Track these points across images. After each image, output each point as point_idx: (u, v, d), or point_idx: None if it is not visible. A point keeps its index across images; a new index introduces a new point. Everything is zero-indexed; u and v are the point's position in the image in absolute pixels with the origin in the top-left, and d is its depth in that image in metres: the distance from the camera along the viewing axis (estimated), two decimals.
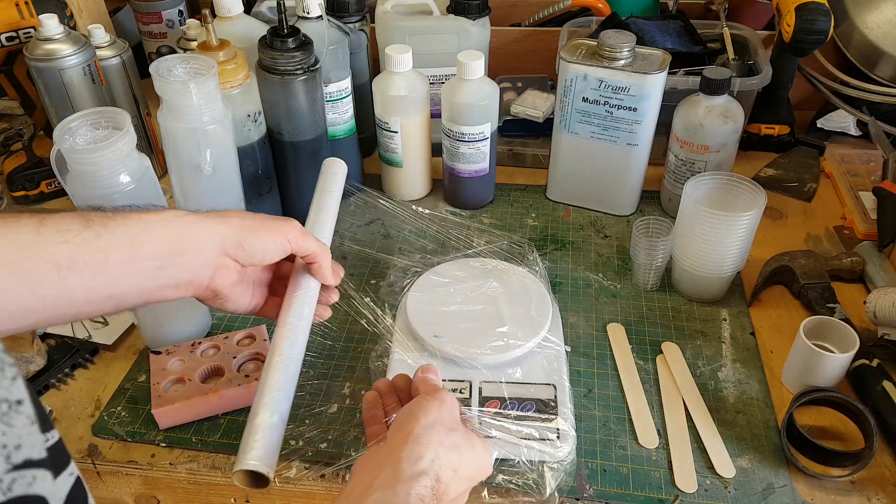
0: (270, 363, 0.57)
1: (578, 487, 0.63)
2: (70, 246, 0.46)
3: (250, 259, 0.56)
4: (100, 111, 0.65)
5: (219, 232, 0.54)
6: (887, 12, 1.05)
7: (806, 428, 0.68)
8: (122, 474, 0.68)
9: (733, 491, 0.63)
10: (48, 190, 1.02)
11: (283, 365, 0.57)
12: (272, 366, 0.57)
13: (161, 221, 0.51)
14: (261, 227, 0.57)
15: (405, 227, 0.96)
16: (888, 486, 0.63)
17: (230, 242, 0.54)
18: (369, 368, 0.74)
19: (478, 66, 0.88)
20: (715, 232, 0.76)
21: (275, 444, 0.52)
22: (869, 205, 0.94)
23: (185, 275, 0.53)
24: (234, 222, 0.55)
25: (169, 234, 0.51)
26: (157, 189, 0.69)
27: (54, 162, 0.63)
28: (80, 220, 0.47)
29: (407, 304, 0.77)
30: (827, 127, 1.11)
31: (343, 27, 0.94)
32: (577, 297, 0.84)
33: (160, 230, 0.51)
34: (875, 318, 0.75)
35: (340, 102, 0.94)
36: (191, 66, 0.71)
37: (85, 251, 0.46)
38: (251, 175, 0.85)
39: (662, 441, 0.67)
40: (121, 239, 0.48)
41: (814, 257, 0.84)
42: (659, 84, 0.86)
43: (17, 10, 0.92)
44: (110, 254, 0.48)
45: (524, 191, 1.03)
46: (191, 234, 0.53)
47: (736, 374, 0.74)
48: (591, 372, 0.75)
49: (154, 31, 1.25)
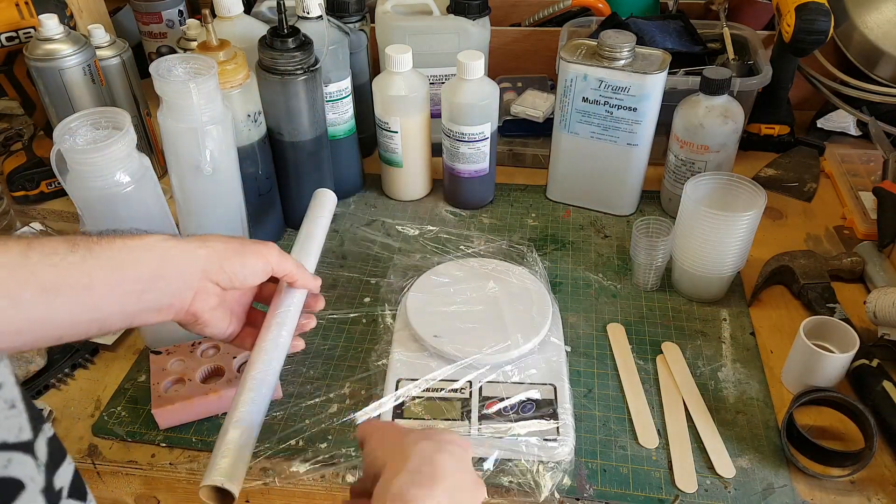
0: (245, 379, 0.58)
1: (578, 487, 0.63)
2: (57, 269, 0.47)
3: (232, 282, 0.57)
4: (100, 111, 0.65)
5: (200, 256, 0.56)
6: (887, 12, 1.05)
7: (806, 428, 0.68)
8: (122, 474, 0.68)
9: (733, 491, 0.63)
10: (48, 190, 1.02)
11: (258, 383, 0.57)
12: (247, 383, 0.57)
13: (144, 247, 0.53)
14: (242, 250, 0.58)
15: (405, 227, 0.96)
16: (888, 486, 0.64)
17: (212, 266, 0.56)
18: (369, 368, 0.74)
19: (478, 66, 0.88)
20: (715, 232, 0.76)
21: (243, 462, 0.53)
22: (869, 205, 0.94)
23: (167, 299, 0.54)
24: (216, 246, 0.57)
25: (151, 259, 0.53)
26: (157, 189, 0.69)
27: (54, 162, 0.63)
28: (66, 244, 0.48)
29: (407, 304, 0.77)
30: (827, 127, 1.11)
31: (343, 27, 0.94)
32: (577, 297, 0.84)
33: (143, 255, 0.52)
34: (875, 318, 0.75)
35: (340, 102, 0.94)
36: (191, 66, 0.71)
37: (70, 274, 0.48)
38: (251, 175, 0.85)
39: (662, 441, 0.67)
40: (105, 263, 0.50)
41: (814, 257, 0.84)
42: (659, 84, 0.86)
43: (17, 10, 0.92)
44: (95, 277, 0.49)
45: (524, 191, 1.03)
46: (172, 258, 0.54)
47: (736, 374, 0.74)
48: (591, 372, 0.75)
49: (154, 31, 1.25)
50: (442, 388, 0.69)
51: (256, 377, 0.58)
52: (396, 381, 0.70)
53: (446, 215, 0.99)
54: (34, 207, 1.02)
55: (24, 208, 1.01)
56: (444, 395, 0.69)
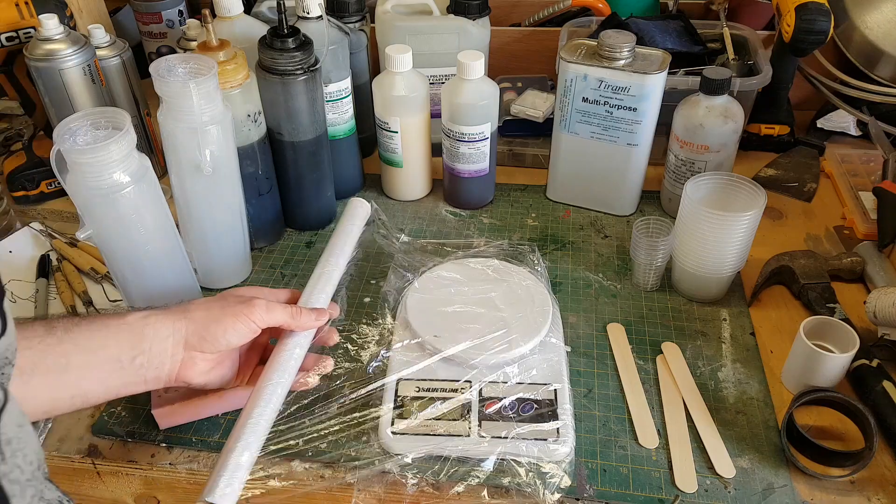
0: (249, 415, 0.58)
1: (578, 487, 0.63)
2: (33, 352, 0.49)
3: (217, 348, 0.58)
4: (100, 111, 0.65)
5: (180, 329, 0.56)
6: (887, 12, 1.05)
7: (806, 428, 0.68)
8: (122, 474, 0.68)
9: (733, 491, 0.63)
10: (48, 190, 1.02)
11: (257, 417, 0.58)
12: (251, 416, 0.58)
13: (123, 325, 0.54)
14: (222, 315, 0.58)
15: (405, 227, 0.96)
16: (888, 486, 0.64)
17: (193, 337, 0.57)
18: (369, 368, 0.74)
19: (478, 66, 0.88)
20: (715, 232, 0.76)
21: (240, 482, 0.55)
22: (869, 205, 0.94)
23: (151, 372, 0.55)
24: (196, 316, 0.58)
25: (130, 337, 0.54)
26: (157, 189, 0.69)
27: (54, 162, 0.63)
28: (45, 326, 0.51)
29: (407, 304, 0.77)
30: (827, 127, 1.11)
31: (343, 27, 0.94)
32: (577, 297, 0.84)
33: (121, 333, 0.54)
34: (875, 318, 0.75)
35: (340, 102, 0.94)
36: (191, 66, 0.71)
37: (47, 356, 0.50)
38: (251, 175, 0.85)
39: (662, 441, 0.67)
40: (83, 344, 0.52)
41: (814, 257, 0.84)
42: (659, 84, 0.86)
43: (17, 10, 0.92)
44: (72, 358, 0.51)
45: (524, 191, 1.03)
46: (151, 334, 0.55)
47: (736, 374, 0.74)
48: (591, 372, 0.75)
49: (154, 31, 1.25)
50: (442, 388, 0.69)
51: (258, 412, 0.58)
52: (396, 381, 0.70)
53: (446, 215, 0.99)
54: (34, 207, 1.02)
55: (24, 208, 1.01)
56: (444, 395, 0.69)
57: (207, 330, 0.57)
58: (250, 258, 0.89)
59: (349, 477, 0.65)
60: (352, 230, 0.79)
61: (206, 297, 0.66)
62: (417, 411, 0.67)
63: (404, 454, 0.65)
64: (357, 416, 0.69)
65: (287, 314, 0.61)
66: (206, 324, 0.57)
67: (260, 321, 0.59)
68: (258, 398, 0.59)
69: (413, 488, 0.63)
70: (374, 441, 0.66)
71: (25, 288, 0.86)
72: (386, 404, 0.68)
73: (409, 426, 0.66)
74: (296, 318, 0.62)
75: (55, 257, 0.90)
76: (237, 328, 0.58)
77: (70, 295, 0.84)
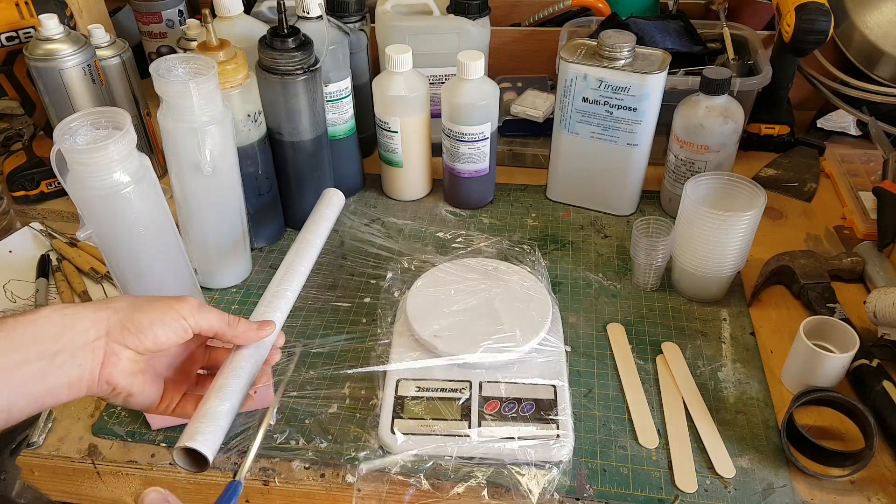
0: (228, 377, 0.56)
1: (578, 487, 0.63)
2: None
3: (143, 342, 0.51)
4: (100, 111, 0.65)
5: (101, 318, 0.50)
6: (887, 12, 1.05)
7: (806, 428, 0.68)
8: (122, 474, 0.68)
9: (733, 491, 0.63)
10: (48, 190, 1.02)
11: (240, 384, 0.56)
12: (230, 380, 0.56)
13: (38, 320, 0.48)
14: (148, 306, 0.52)
15: (405, 227, 0.96)
16: (888, 486, 0.64)
17: (115, 327, 0.51)
18: (369, 368, 0.74)
19: (478, 66, 0.88)
20: (715, 232, 0.76)
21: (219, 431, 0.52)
22: (869, 205, 0.94)
23: (74, 371, 0.49)
24: (119, 306, 0.52)
25: (48, 332, 0.48)
26: (157, 189, 0.69)
27: (54, 162, 0.63)
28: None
29: (407, 304, 0.77)
30: (827, 127, 1.11)
31: (343, 27, 0.94)
32: (577, 297, 0.84)
33: (38, 330, 0.48)
34: (875, 318, 0.75)
35: (340, 102, 0.94)
36: (191, 66, 0.71)
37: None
38: (251, 175, 0.86)
39: (662, 441, 0.67)
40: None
41: (814, 257, 0.84)
42: (659, 84, 0.86)
43: (17, 10, 0.92)
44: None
45: (524, 191, 1.03)
46: (70, 326, 0.49)
47: (736, 374, 0.74)
48: (591, 372, 0.75)
49: (154, 31, 1.25)
50: (441, 388, 0.69)
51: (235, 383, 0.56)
52: (396, 381, 0.70)
53: (446, 215, 0.99)
54: (34, 207, 1.02)
55: (24, 208, 1.01)
56: (444, 395, 0.69)
57: (131, 320, 0.51)
58: (250, 258, 0.89)
59: (349, 477, 0.65)
60: (321, 225, 0.76)
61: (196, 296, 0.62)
62: (417, 411, 0.67)
63: (404, 454, 0.65)
64: (357, 416, 0.69)
65: (223, 320, 0.56)
66: (129, 313, 0.51)
67: (189, 317, 0.53)
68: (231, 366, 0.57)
69: (413, 488, 0.63)
70: (374, 441, 0.66)
71: (25, 288, 0.86)
72: (386, 404, 0.68)
73: (409, 426, 0.66)
74: (232, 326, 0.56)
75: (55, 257, 0.91)
76: (165, 321, 0.52)
77: (70, 295, 0.84)
